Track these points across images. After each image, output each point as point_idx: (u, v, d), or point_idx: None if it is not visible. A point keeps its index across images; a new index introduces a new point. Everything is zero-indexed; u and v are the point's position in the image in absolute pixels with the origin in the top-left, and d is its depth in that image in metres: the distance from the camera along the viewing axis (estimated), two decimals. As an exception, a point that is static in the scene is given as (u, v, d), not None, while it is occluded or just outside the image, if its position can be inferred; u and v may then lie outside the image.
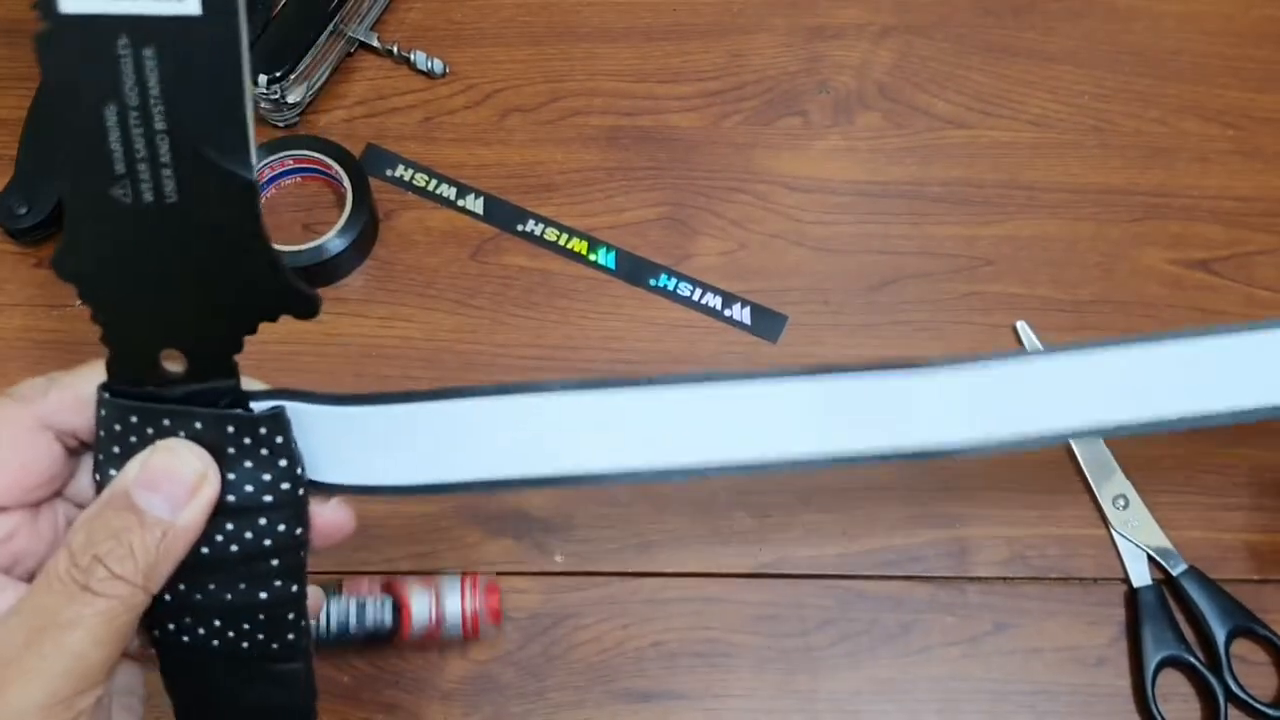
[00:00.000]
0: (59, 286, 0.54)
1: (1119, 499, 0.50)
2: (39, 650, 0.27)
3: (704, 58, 0.61)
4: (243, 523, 0.31)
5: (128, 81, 0.26)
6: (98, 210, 0.28)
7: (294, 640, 0.33)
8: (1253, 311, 0.55)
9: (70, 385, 0.31)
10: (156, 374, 0.30)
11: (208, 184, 0.28)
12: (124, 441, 0.31)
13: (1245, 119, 0.59)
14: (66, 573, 0.28)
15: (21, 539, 0.31)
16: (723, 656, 0.48)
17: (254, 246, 0.29)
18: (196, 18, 0.26)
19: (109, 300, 0.30)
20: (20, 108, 0.56)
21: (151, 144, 0.27)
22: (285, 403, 0.31)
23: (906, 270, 0.55)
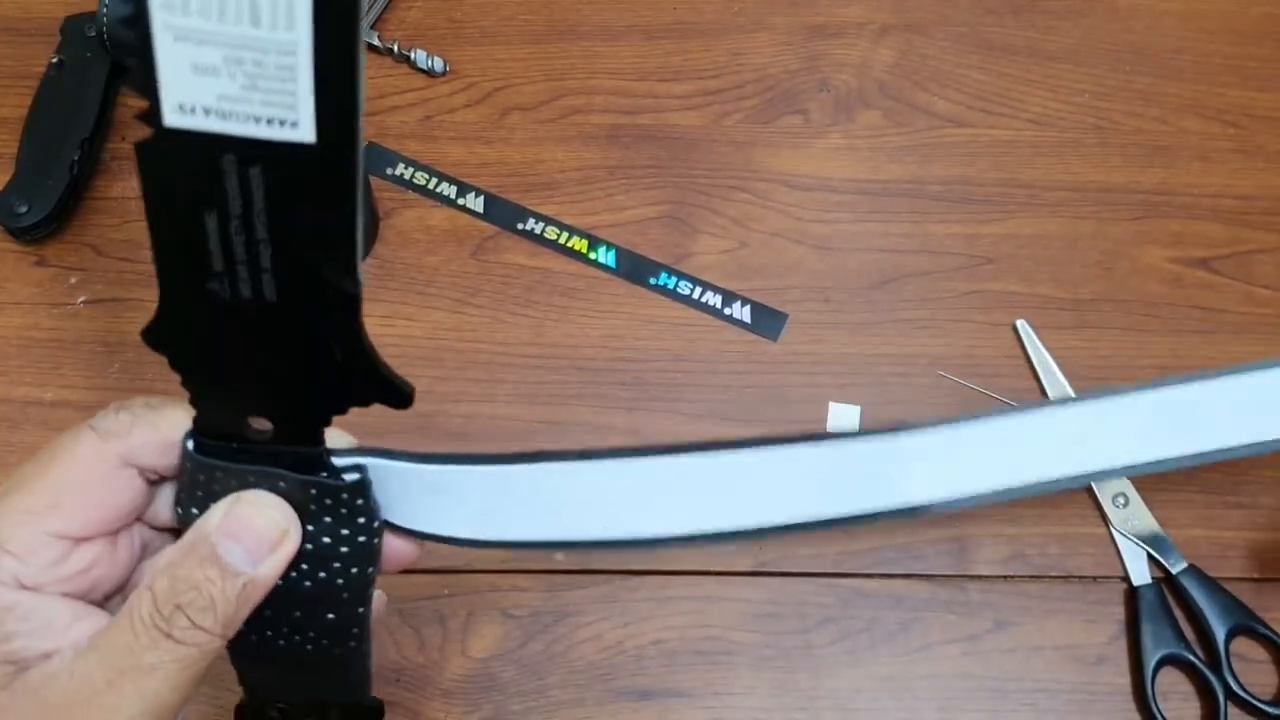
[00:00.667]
0: (60, 285, 0.54)
1: (1119, 497, 0.50)
2: (120, 691, 0.28)
3: (704, 56, 0.61)
4: (317, 566, 0.32)
5: (231, 193, 0.26)
6: (193, 298, 0.27)
7: (355, 648, 0.34)
8: (1253, 310, 0.55)
9: (155, 426, 0.31)
10: (243, 433, 0.30)
11: (310, 291, 0.27)
12: (208, 487, 0.31)
13: (1246, 117, 0.59)
14: (150, 617, 0.29)
15: (101, 567, 0.31)
16: (723, 654, 0.48)
17: (354, 345, 0.28)
18: (311, 145, 0.25)
19: (199, 374, 0.29)
20: (21, 106, 0.56)
21: (253, 250, 0.26)
22: (367, 461, 0.31)
23: (907, 269, 0.55)
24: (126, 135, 0.58)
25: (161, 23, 0.24)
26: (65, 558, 0.30)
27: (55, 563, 0.30)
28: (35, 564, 0.30)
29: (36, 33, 0.59)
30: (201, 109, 0.25)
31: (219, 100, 0.24)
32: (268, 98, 0.24)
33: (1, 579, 0.29)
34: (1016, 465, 0.37)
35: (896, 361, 0.53)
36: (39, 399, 0.52)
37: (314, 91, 0.24)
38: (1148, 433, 0.38)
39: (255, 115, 0.25)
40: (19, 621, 0.29)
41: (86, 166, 0.56)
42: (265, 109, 0.25)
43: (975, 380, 0.53)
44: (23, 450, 0.51)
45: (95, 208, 0.56)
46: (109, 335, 0.53)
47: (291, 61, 0.24)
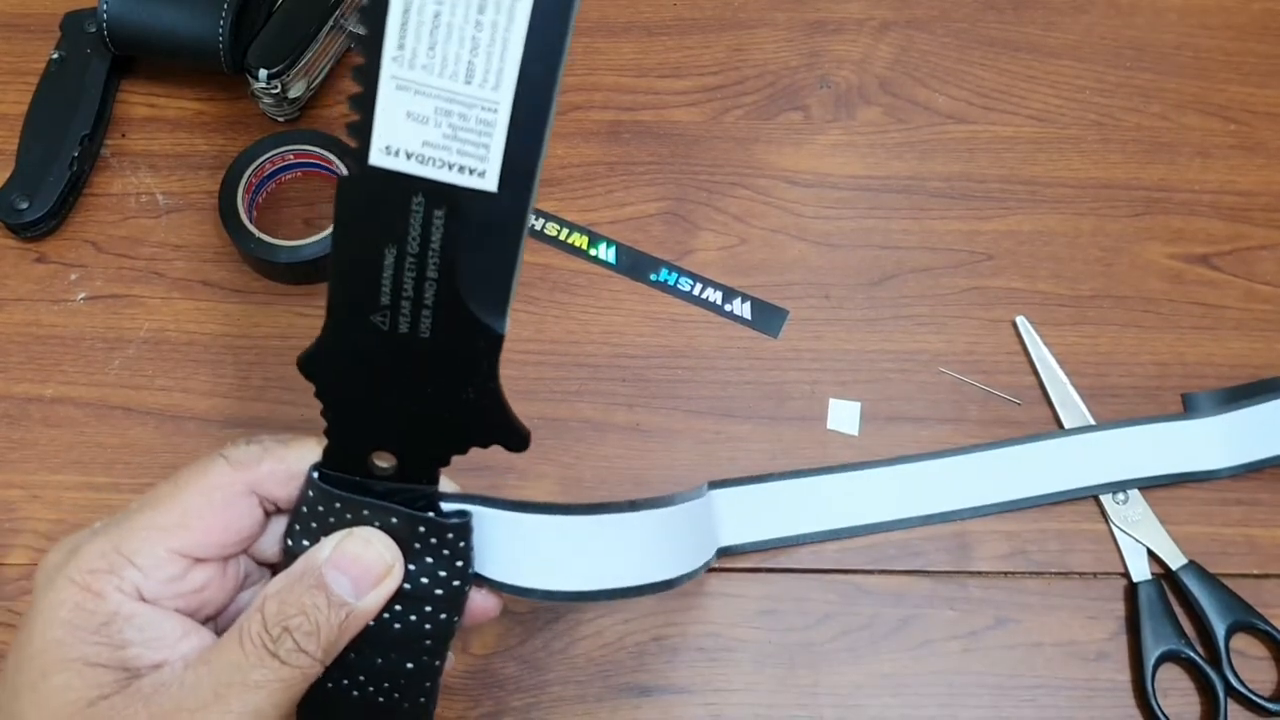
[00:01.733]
0: (60, 281, 0.54)
1: (1119, 494, 0.50)
2: (226, 703, 0.30)
3: (705, 53, 0.60)
4: (410, 607, 0.34)
5: (413, 232, 0.29)
6: (354, 328, 0.30)
7: (425, 703, 0.36)
8: (1253, 307, 0.55)
9: (283, 460, 0.33)
10: (365, 467, 0.33)
11: (461, 329, 0.30)
12: (323, 520, 0.33)
13: (1247, 114, 0.59)
14: (259, 637, 0.31)
15: (212, 589, 0.33)
16: (724, 651, 0.48)
17: (488, 386, 0.31)
18: (492, 193, 0.28)
19: (341, 403, 0.32)
20: (21, 103, 0.56)
21: (419, 287, 0.29)
22: (472, 505, 0.34)
23: (907, 265, 0.55)
24: (126, 132, 0.58)
25: (389, 74, 0.28)
26: (183, 575, 0.32)
27: (174, 579, 0.32)
28: (156, 579, 0.32)
29: (36, 29, 0.59)
30: (404, 152, 0.28)
31: (422, 146, 0.28)
32: (464, 148, 0.28)
33: (124, 590, 0.31)
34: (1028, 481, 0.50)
35: (897, 358, 0.53)
36: (39, 395, 0.52)
37: (504, 147, 0.28)
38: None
39: (450, 163, 0.28)
40: (136, 631, 0.31)
41: (86, 163, 0.56)
42: (460, 158, 0.28)
43: (975, 376, 0.53)
44: (23, 447, 0.51)
45: (95, 204, 0.56)
46: (109, 332, 0.53)
47: (492, 118, 0.28)
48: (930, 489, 0.50)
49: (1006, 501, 0.50)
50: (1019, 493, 0.50)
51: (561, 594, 0.35)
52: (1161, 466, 0.51)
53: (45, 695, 0.30)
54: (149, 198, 0.56)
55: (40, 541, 0.49)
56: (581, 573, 0.36)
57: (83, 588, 0.31)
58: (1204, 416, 0.51)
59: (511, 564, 0.35)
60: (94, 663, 0.31)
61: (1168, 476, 0.50)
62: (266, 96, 0.56)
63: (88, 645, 0.31)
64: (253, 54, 0.54)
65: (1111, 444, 0.51)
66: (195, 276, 0.54)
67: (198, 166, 0.57)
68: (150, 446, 0.51)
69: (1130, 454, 0.51)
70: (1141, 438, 0.51)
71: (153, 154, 0.57)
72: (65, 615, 0.31)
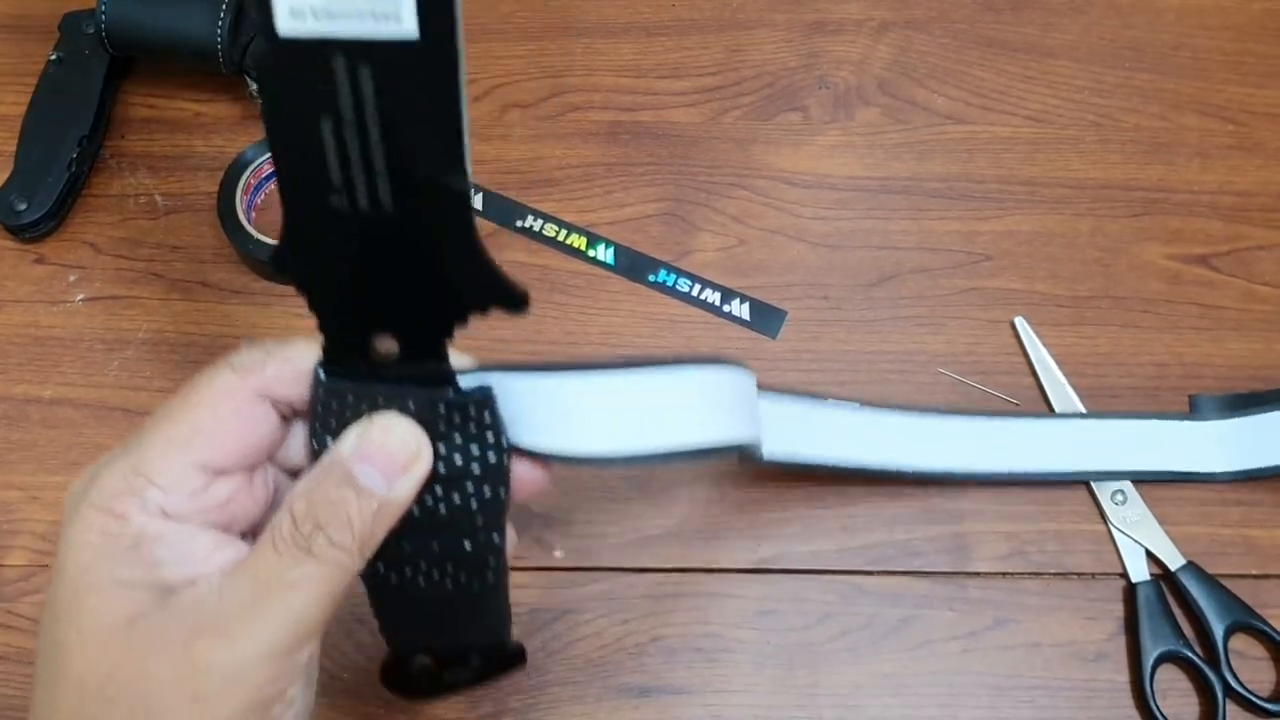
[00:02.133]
0: (59, 283, 0.54)
1: (1117, 494, 0.50)
2: (265, 606, 0.30)
3: (703, 53, 0.61)
4: (451, 489, 0.33)
5: (344, 98, 0.27)
6: (314, 216, 0.29)
7: (494, 582, 0.35)
8: (1252, 307, 0.55)
9: (288, 359, 0.32)
10: (370, 355, 0.31)
11: (423, 193, 0.28)
12: (339, 415, 0.32)
13: (1245, 114, 0.59)
14: (290, 537, 0.30)
15: (239, 501, 0.33)
16: (723, 652, 0.48)
17: (467, 249, 0.29)
18: (414, 41, 0.26)
19: (325, 295, 0.31)
20: (20, 104, 0.56)
21: (367, 155, 0.28)
22: (492, 375, 0.32)
23: (906, 265, 0.55)
24: (125, 133, 0.58)
25: None
26: (206, 489, 0.32)
27: (197, 493, 0.32)
28: (179, 495, 0.31)
29: (35, 30, 0.59)
30: (310, 11, 0.26)
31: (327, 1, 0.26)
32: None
33: (148, 510, 0.31)
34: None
35: (895, 359, 0.53)
36: (38, 397, 0.52)
37: None
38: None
39: (360, 10, 0.26)
40: (166, 549, 0.31)
41: (85, 164, 0.56)
42: (369, 4, 0.26)
43: (974, 377, 0.53)
44: (22, 448, 0.51)
45: (94, 205, 0.56)
46: (108, 333, 0.53)
47: None
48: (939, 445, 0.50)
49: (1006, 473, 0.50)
50: (1015, 466, 0.50)
51: (602, 458, 0.34)
52: (1161, 463, 0.51)
53: (83, 619, 0.30)
54: (148, 199, 0.56)
55: (39, 543, 0.49)
56: (619, 433, 0.34)
57: (106, 512, 0.31)
58: (1209, 419, 0.51)
59: (549, 429, 0.33)
60: (127, 583, 0.30)
61: (1166, 474, 0.50)
62: (265, 97, 0.55)
63: (119, 567, 0.31)
64: (251, 55, 0.54)
65: (1113, 433, 0.51)
66: (194, 277, 0.54)
67: (196, 168, 0.57)
68: (149, 447, 0.51)
69: (1130, 447, 0.51)
70: (1144, 432, 0.51)
71: (151, 155, 0.57)
72: (93, 540, 0.31)
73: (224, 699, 0.30)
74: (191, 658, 0.29)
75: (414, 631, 0.38)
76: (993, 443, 0.51)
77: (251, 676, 0.30)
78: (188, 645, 0.30)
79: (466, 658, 0.39)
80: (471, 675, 0.40)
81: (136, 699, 0.29)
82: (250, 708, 0.30)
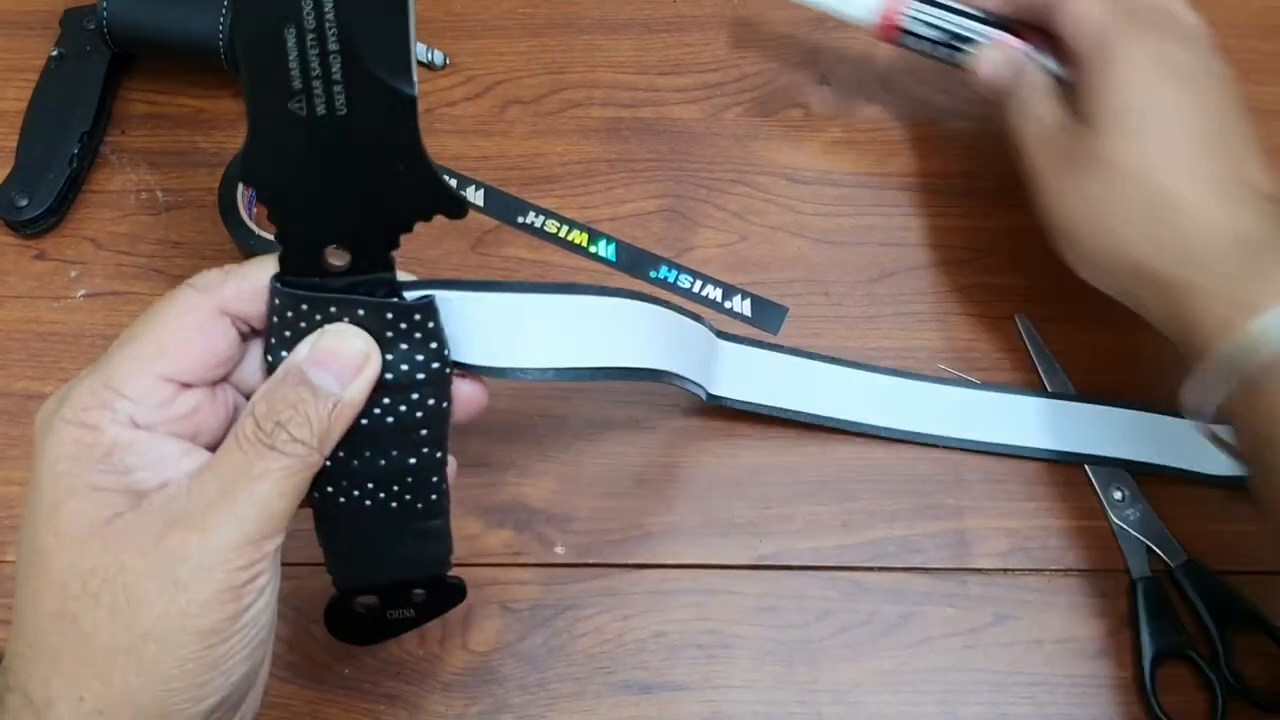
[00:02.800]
0: (60, 278, 0.54)
1: (1119, 490, 0.50)
2: (233, 498, 0.32)
3: (705, 49, 0.60)
4: (397, 397, 0.35)
5: (306, 6, 0.30)
6: (277, 122, 0.32)
7: (437, 500, 0.38)
8: (1253, 304, 0.55)
9: (246, 276, 0.35)
10: (322, 268, 0.34)
11: (374, 98, 0.31)
12: (294, 326, 0.35)
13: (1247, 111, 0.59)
14: (253, 434, 0.33)
15: (203, 413, 0.35)
16: (723, 648, 0.48)
17: (412, 155, 0.32)
18: None
19: (284, 202, 0.33)
20: (20, 100, 0.56)
21: (325, 62, 0.31)
22: (434, 289, 0.35)
23: (907, 262, 0.55)
24: (126, 129, 0.58)
25: None
26: (172, 400, 0.34)
27: (163, 404, 0.34)
28: (147, 405, 0.33)
29: (36, 25, 0.59)
30: None
31: None
32: None
33: (118, 420, 0.33)
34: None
35: (897, 355, 0.53)
36: (39, 392, 0.52)
37: None
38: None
39: None
40: (137, 456, 0.33)
41: (86, 160, 0.56)
42: None
43: (976, 374, 0.53)
44: (23, 444, 0.51)
45: (95, 201, 0.56)
46: (109, 329, 0.53)
47: None
48: (931, 410, 0.51)
49: (1004, 445, 0.51)
50: (1015, 440, 0.51)
51: (536, 371, 0.37)
52: (1162, 457, 0.50)
53: (60, 522, 0.32)
54: (149, 195, 0.56)
55: (40, 538, 0.49)
56: (555, 349, 0.37)
57: (79, 425, 0.33)
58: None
59: (486, 346, 0.36)
60: (102, 488, 0.32)
61: (1167, 469, 0.50)
62: (266, 93, 0.56)
63: (94, 474, 0.32)
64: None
65: (1115, 421, 0.51)
66: (195, 273, 0.54)
67: (198, 163, 0.57)
68: (150, 443, 0.51)
69: (1132, 437, 0.51)
70: (1147, 425, 0.51)
71: (152, 151, 0.57)
72: (68, 451, 0.33)
73: (199, 584, 0.32)
74: (168, 549, 0.32)
75: (359, 562, 0.39)
76: (991, 415, 0.51)
77: (225, 563, 0.32)
78: (162, 538, 0.32)
79: (410, 594, 0.40)
80: (414, 613, 0.41)
81: (117, 591, 0.31)
82: (224, 591, 0.32)
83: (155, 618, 0.31)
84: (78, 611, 0.32)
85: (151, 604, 0.31)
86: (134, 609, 0.31)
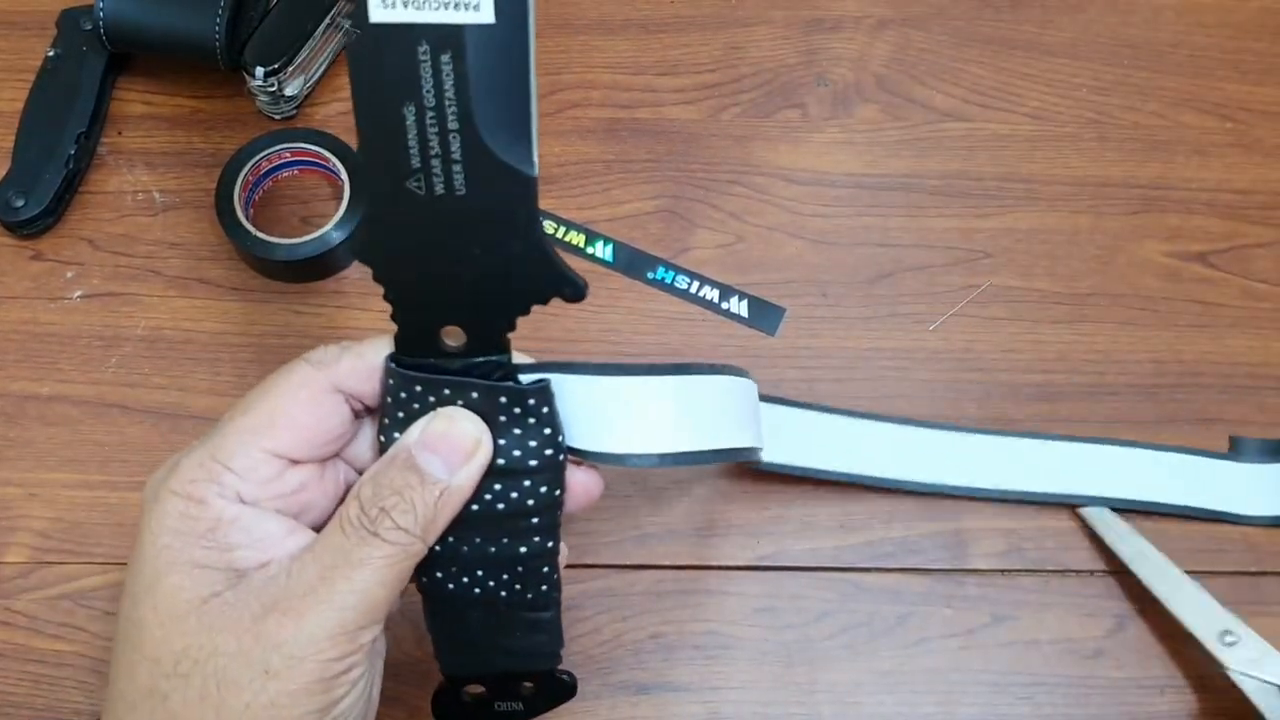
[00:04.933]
0: (56, 279, 0.54)
1: (1227, 635, 0.45)
2: (331, 585, 0.31)
3: (702, 50, 0.60)
4: (509, 483, 0.34)
5: (426, 84, 0.29)
6: (394, 200, 0.31)
7: (547, 591, 0.36)
8: (1250, 305, 0.55)
9: (361, 355, 0.34)
10: (437, 348, 0.33)
11: (493, 178, 0.31)
12: (407, 407, 0.34)
13: (1244, 112, 0.59)
14: (357, 519, 0.32)
15: (311, 491, 0.34)
16: (721, 649, 0.48)
17: (530, 236, 0.32)
18: (490, 25, 0.29)
19: (400, 281, 0.33)
20: (17, 100, 0.56)
21: (444, 141, 0.30)
22: (550, 375, 0.34)
23: (905, 263, 0.55)
24: (122, 129, 0.58)
25: None
26: (279, 476, 0.33)
27: (271, 480, 0.33)
28: (254, 480, 0.33)
29: (32, 26, 0.59)
30: (400, 1, 0.28)
31: None
32: None
33: (225, 494, 0.32)
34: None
35: (894, 356, 0.53)
36: (35, 394, 0.52)
37: None
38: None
39: (444, 2, 0.28)
40: (241, 533, 0.32)
41: (82, 160, 0.56)
42: None
43: (973, 374, 0.53)
44: (20, 445, 0.51)
45: (91, 202, 0.56)
46: (105, 330, 0.53)
47: None
48: (973, 463, 0.50)
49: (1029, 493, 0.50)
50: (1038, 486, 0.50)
51: (654, 458, 0.35)
52: (1195, 499, 0.50)
53: (160, 597, 0.32)
54: (145, 195, 0.56)
55: (37, 539, 0.49)
56: (670, 434, 0.36)
57: (185, 497, 0.32)
58: (1251, 461, 0.51)
59: (600, 432, 0.35)
60: (203, 565, 0.32)
61: (1201, 510, 0.50)
62: (263, 94, 0.55)
63: (196, 549, 0.32)
64: (249, 51, 0.54)
65: (1146, 463, 0.51)
66: (192, 274, 0.54)
67: (194, 164, 0.57)
68: (147, 445, 0.51)
69: (1164, 479, 0.50)
70: (1180, 466, 0.51)
71: (149, 151, 0.57)
72: (172, 524, 0.32)
73: (291, 674, 0.31)
74: (261, 634, 0.31)
75: (467, 651, 0.38)
76: (1015, 461, 0.50)
77: (318, 653, 0.31)
78: (257, 622, 0.31)
79: (518, 685, 0.40)
80: (523, 707, 0.40)
81: (208, 674, 0.31)
82: (316, 683, 0.31)
83: (244, 706, 0.31)
84: (169, 691, 0.31)
85: (241, 691, 0.31)
86: (223, 695, 0.31)
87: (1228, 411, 0.53)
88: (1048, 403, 0.52)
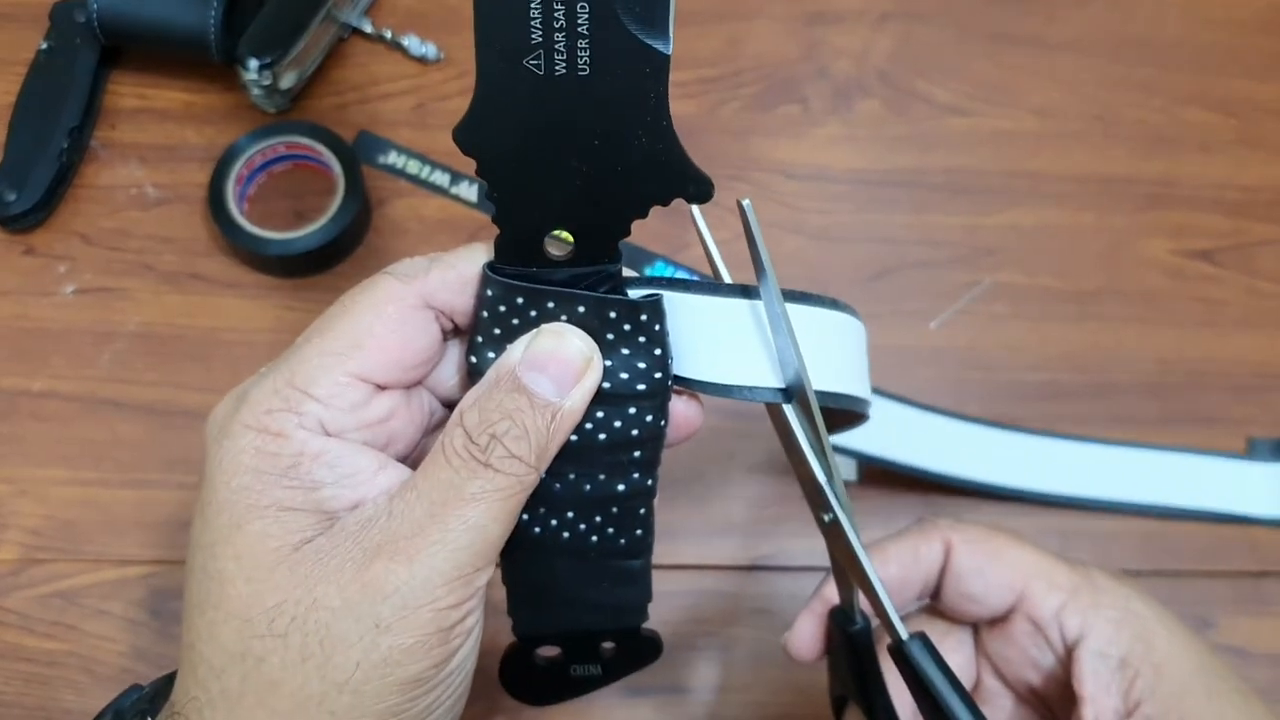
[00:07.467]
0: (48, 274, 0.54)
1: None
2: (443, 523, 0.28)
3: (702, 44, 0.60)
4: (613, 410, 0.31)
5: None
6: (507, 83, 0.28)
7: (641, 536, 0.33)
8: (1255, 302, 0.54)
9: (453, 265, 0.30)
10: (541, 256, 0.30)
11: (623, 56, 0.27)
12: (506, 323, 0.30)
13: (1248, 108, 0.59)
14: (465, 449, 0.28)
15: (398, 419, 0.31)
16: (719, 649, 0.47)
17: (660, 124, 0.28)
18: None
19: (507, 177, 0.29)
20: (9, 94, 0.56)
21: (571, 13, 0.26)
22: (661, 291, 0.31)
23: (907, 260, 0.55)
24: (115, 123, 0.57)
25: None
26: (366, 403, 0.30)
27: (357, 407, 0.29)
28: (338, 408, 0.29)
29: (25, 19, 0.58)
30: None
31: None
32: None
33: (306, 425, 0.29)
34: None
35: (896, 353, 0.53)
36: (27, 389, 0.51)
37: None
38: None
39: None
40: (327, 469, 0.29)
41: (75, 154, 0.55)
42: None
43: (977, 372, 0.52)
44: (10, 441, 0.50)
45: (84, 196, 0.55)
46: (98, 325, 0.52)
47: None
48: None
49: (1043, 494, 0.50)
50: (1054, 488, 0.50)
51: (767, 391, 0.31)
52: (1212, 502, 0.50)
53: (243, 546, 0.28)
54: (138, 190, 0.56)
55: (28, 536, 0.48)
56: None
57: (261, 430, 0.28)
58: (1266, 461, 0.51)
59: (710, 359, 0.31)
60: (289, 507, 0.28)
61: (1216, 513, 0.50)
62: (257, 87, 0.55)
63: (279, 489, 0.28)
64: (243, 44, 0.54)
65: (1164, 465, 0.51)
66: (185, 269, 0.54)
67: (187, 158, 0.56)
68: (139, 441, 0.50)
69: (1183, 480, 0.51)
70: (1197, 467, 0.51)
71: (142, 146, 0.56)
72: (248, 461, 0.28)
73: (406, 626, 0.27)
74: (368, 583, 0.27)
75: (547, 605, 0.34)
76: (1031, 462, 0.50)
77: (434, 601, 0.27)
78: (361, 570, 0.27)
79: (597, 646, 0.36)
80: (601, 671, 0.37)
81: (309, 631, 0.27)
82: (434, 634, 0.28)
83: (354, 665, 0.27)
84: (264, 653, 0.27)
85: (349, 649, 0.27)
86: (329, 654, 0.27)
87: (1233, 410, 0.52)
88: (1051, 401, 0.52)
